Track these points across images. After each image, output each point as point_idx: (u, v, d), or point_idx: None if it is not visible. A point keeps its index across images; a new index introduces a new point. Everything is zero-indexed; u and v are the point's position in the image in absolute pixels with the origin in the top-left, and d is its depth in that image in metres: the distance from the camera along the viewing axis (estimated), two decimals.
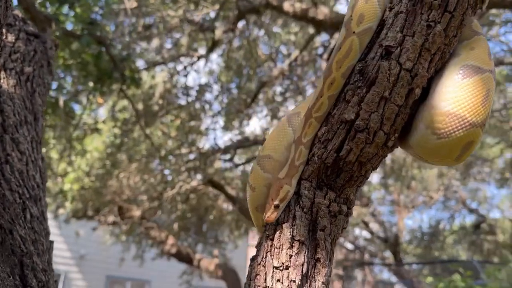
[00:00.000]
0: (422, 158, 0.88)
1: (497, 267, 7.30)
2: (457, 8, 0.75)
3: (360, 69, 0.82)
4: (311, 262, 0.81)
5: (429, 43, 0.77)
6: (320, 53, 9.80)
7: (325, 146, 0.85)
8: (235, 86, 10.33)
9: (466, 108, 0.80)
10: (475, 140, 0.82)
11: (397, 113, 0.80)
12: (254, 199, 1.01)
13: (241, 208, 10.33)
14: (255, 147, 12.42)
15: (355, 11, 0.85)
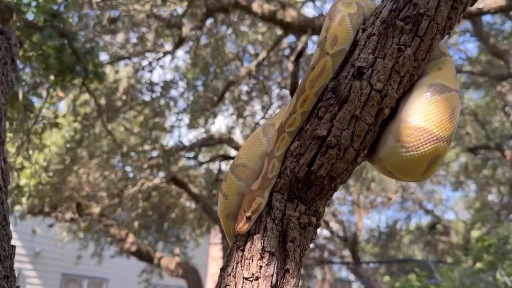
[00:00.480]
0: (391, 172, 0.90)
1: (450, 267, 7.61)
2: (427, 33, 0.79)
3: (333, 87, 0.85)
4: (280, 273, 0.84)
5: (399, 65, 0.81)
6: (287, 54, 9.90)
7: (297, 160, 0.87)
8: (201, 84, 10.26)
9: (433, 123, 0.84)
10: (441, 155, 0.86)
11: (366, 131, 0.84)
12: (226, 207, 1.02)
13: (204, 206, 10.28)
14: (220, 146, 12.40)
15: (329, 33, 0.88)
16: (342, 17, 0.88)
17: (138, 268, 11.87)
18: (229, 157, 11.40)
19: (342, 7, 0.89)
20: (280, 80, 11.61)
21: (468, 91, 13.14)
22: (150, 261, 10.53)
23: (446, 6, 0.78)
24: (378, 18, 0.85)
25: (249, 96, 12.02)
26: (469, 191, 17.42)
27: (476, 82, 10.90)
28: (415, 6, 0.78)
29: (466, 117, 13.52)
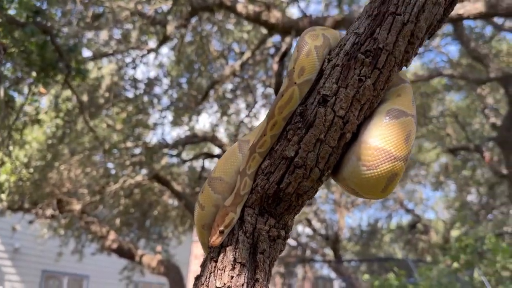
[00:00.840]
0: (354, 190, 0.98)
1: (428, 266, 7.76)
2: (385, 66, 0.87)
3: (301, 112, 0.92)
4: (250, 282, 0.90)
5: (359, 95, 0.88)
6: (272, 53, 9.96)
7: (268, 178, 0.94)
8: (185, 81, 10.25)
9: (391, 144, 0.92)
10: (398, 173, 0.93)
11: (330, 153, 0.91)
12: (202, 218, 1.08)
13: (187, 204, 10.29)
14: (203, 144, 12.40)
15: (297, 64, 0.95)
16: (309, 50, 0.95)
17: (119, 265, 11.82)
18: (212, 155, 11.42)
19: (309, 40, 0.96)
20: (265, 79, 11.67)
21: (450, 93, 13.38)
22: (132, 259, 10.48)
23: (404, 41, 0.86)
24: (342, 50, 0.92)
25: (233, 94, 12.05)
26: (449, 191, 17.73)
27: (458, 84, 11.11)
28: (375, 41, 0.86)
29: (447, 118, 13.78)
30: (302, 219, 14.41)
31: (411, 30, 0.85)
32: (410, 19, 0.85)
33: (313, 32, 0.99)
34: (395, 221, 18.08)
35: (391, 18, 0.85)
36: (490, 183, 14.09)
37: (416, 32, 0.85)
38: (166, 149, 9.81)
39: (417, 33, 0.85)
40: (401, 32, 0.85)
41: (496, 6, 5.73)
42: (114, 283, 13.16)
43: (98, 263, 13.82)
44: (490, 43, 10.55)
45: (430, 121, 13.12)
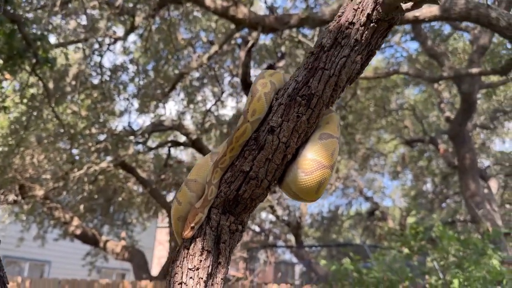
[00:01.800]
0: (295, 193, 1.29)
1: (382, 252, 8.16)
2: (316, 106, 1.17)
3: (255, 137, 1.22)
4: (214, 265, 1.19)
5: (297, 127, 1.19)
6: (239, 42, 10.15)
7: (229, 186, 1.24)
8: (151, 69, 10.29)
9: (322, 156, 1.25)
10: (327, 178, 1.26)
11: (276, 169, 1.22)
12: (178, 211, 1.37)
13: (152, 191, 10.41)
14: (169, 132, 12.47)
15: (250, 107, 1.26)
16: (259, 96, 1.25)
17: (83, 251, 11.84)
18: (179, 143, 11.54)
19: (260, 87, 1.27)
20: (232, 68, 11.84)
21: (408, 88, 13.96)
22: (96, 245, 10.52)
23: (330, 89, 1.16)
24: (285, 92, 1.23)
25: (200, 82, 12.16)
26: (406, 180, 18.50)
27: (415, 79, 11.61)
28: (309, 88, 1.16)
29: (405, 111, 14.40)
30: (266, 206, 14.79)
31: (335, 81, 1.15)
32: (335, 73, 1.15)
33: (262, 80, 1.29)
34: (354, 208, 18.66)
35: (320, 71, 1.15)
36: (444, 173, 14.82)
37: (338, 82, 1.15)
38: (132, 136, 9.86)
39: (339, 83, 1.15)
40: (327, 82, 1.15)
41: (450, 10, 6.14)
42: (76, 268, 13.17)
43: (61, 248, 13.75)
44: (447, 41, 11.11)
45: (390, 114, 13.65)
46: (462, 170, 9.98)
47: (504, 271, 6.22)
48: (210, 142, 13.35)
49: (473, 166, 9.95)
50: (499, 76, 8.36)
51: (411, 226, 8.08)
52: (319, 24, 6.62)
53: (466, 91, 9.09)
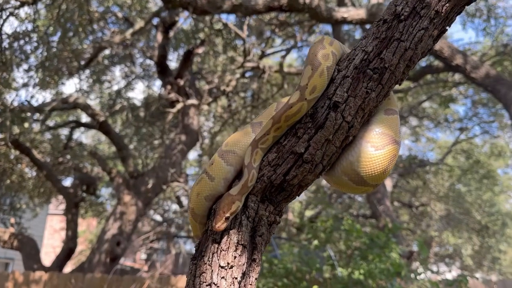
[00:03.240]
0: (355, 177, 1.12)
1: (291, 243, 8.41)
2: (387, 82, 1.03)
3: (311, 114, 1.03)
4: (248, 262, 0.99)
5: (365, 104, 1.03)
6: (156, 23, 9.65)
7: (275, 169, 1.04)
8: (57, 40, 9.37)
9: (393, 131, 1.13)
10: (396, 155, 1.14)
11: (334, 152, 1.05)
12: (209, 188, 1.13)
13: (48, 175, 9.55)
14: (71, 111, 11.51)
15: (310, 82, 1.06)
16: (322, 70, 1.07)
17: None
18: (83, 124, 10.73)
19: (322, 60, 1.08)
20: (146, 49, 11.26)
21: None
22: None
23: (404, 64, 1.02)
24: (351, 63, 1.06)
25: (110, 61, 11.41)
26: None
27: None
28: (382, 60, 1.01)
29: None
30: (171, 195, 14.42)
31: (411, 56, 1.02)
32: (411, 46, 1.02)
33: (324, 50, 1.10)
34: None
35: (396, 43, 1.01)
36: None
37: (413, 58, 1.02)
38: (29, 113, 8.91)
39: (414, 59, 1.02)
40: (403, 56, 1.01)
41: (375, 15, 6.44)
42: None
43: None
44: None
45: None
46: None
47: (403, 263, 6.76)
48: (116, 125, 12.64)
49: None
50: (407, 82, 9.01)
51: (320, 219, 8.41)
52: (251, 12, 6.50)
53: None
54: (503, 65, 9.93)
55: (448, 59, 6.54)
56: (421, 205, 16.30)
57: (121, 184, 9.15)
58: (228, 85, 8.83)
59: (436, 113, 14.53)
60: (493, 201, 16.70)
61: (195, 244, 1.07)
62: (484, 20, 11.08)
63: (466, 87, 12.51)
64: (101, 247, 8.73)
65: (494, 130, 14.28)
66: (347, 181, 1.12)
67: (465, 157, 15.22)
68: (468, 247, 17.72)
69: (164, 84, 9.94)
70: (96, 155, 10.26)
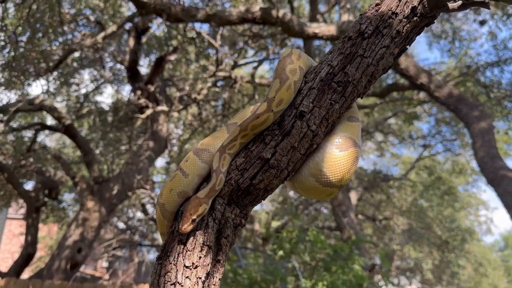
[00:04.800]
0: (320, 180, 1.18)
1: (257, 253, 8.43)
2: (350, 95, 1.09)
3: (279, 122, 1.09)
4: (212, 263, 1.02)
5: (328, 115, 1.09)
6: (128, 28, 9.59)
7: (242, 174, 1.08)
8: (26, 40, 9.16)
9: (355, 135, 1.21)
10: (358, 158, 1.22)
11: (299, 159, 1.10)
12: (183, 184, 1.16)
13: (10, 178, 9.26)
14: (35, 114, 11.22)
15: (278, 95, 1.12)
16: (289, 85, 1.13)
17: None
18: (48, 127, 10.48)
19: (290, 75, 1.14)
20: (117, 54, 11.15)
21: None
22: None
23: (366, 79, 1.09)
24: (317, 76, 1.12)
25: (80, 63, 11.23)
26: None
27: None
28: (346, 74, 1.07)
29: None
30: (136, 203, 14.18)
31: (372, 71, 1.09)
32: (373, 63, 1.08)
33: (292, 65, 1.16)
34: None
35: (359, 59, 1.08)
36: None
37: (375, 73, 1.09)
38: None
39: (375, 74, 1.09)
40: (365, 71, 1.08)
41: (345, 32, 6.62)
42: None
43: None
44: None
45: None
46: None
47: (365, 275, 6.89)
48: (82, 129, 12.40)
49: None
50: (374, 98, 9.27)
51: (285, 229, 8.47)
52: (225, 23, 6.57)
53: None
54: (466, 85, 10.36)
55: (413, 77, 6.80)
56: (384, 219, 16.66)
57: (85, 190, 8.96)
58: (199, 94, 8.84)
59: (400, 129, 14.95)
60: (453, 217, 17.26)
61: (162, 244, 1.10)
62: (449, 42, 11.57)
63: (430, 106, 12.98)
64: (61, 253, 8.49)
65: (456, 148, 14.81)
66: (314, 183, 1.16)
67: (428, 173, 15.70)
68: (428, 261, 18.20)
69: (134, 90, 9.86)
70: (60, 159, 10.03)
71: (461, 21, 11.39)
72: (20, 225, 16.14)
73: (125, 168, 9.29)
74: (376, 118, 14.45)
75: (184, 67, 11.51)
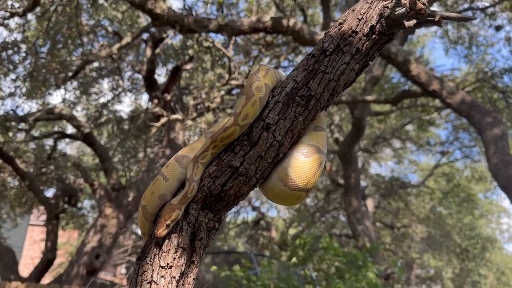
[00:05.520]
0: (277, 197, 1.29)
1: (270, 260, 8.45)
2: (313, 108, 1.18)
3: (247, 133, 1.18)
4: (187, 263, 1.11)
5: (293, 126, 1.18)
6: (145, 38, 9.82)
7: (214, 181, 1.18)
8: (46, 51, 9.48)
9: (319, 143, 1.29)
10: (323, 163, 1.29)
11: (266, 167, 1.19)
12: (162, 188, 1.26)
13: (31, 185, 9.52)
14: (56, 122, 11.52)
15: (243, 110, 1.21)
16: (254, 101, 1.22)
17: None
18: (68, 135, 10.75)
19: (256, 92, 1.23)
20: (135, 63, 11.40)
21: None
22: None
23: (328, 93, 1.17)
24: (283, 90, 1.21)
25: (99, 73, 11.51)
26: None
27: None
28: (309, 89, 1.16)
29: None
30: None
31: (334, 86, 1.17)
32: (334, 78, 1.17)
33: (258, 83, 1.25)
34: (241, 217, 19.06)
35: (321, 74, 1.17)
36: (328, 190, 15.88)
37: (336, 88, 1.18)
38: (14, 122, 8.95)
39: (337, 88, 1.18)
40: (326, 86, 1.17)
41: None
42: None
43: None
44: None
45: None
46: (347, 188, 10.80)
47: (379, 283, 6.85)
48: (102, 138, 12.68)
49: (356, 185, 10.82)
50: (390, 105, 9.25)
51: (298, 236, 8.47)
52: (237, 33, 6.70)
53: (358, 116, 9.90)
54: (483, 91, 10.25)
55: (425, 84, 6.79)
56: (402, 227, 16.47)
57: (103, 197, 9.17)
58: (213, 102, 8.99)
59: (418, 136, 14.83)
60: (473, 225, 16.96)
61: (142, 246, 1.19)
62: (466, 47, 11.47)
63: (448, 112, 12.85)
64: (80, 259, 8.69)
65: (475, 155, 14.60)
66: (282, 188, 1.25)
67: (446, 180, 15.49)
68: (448, 270, 17.90)
69: (151, 98, 10.07)
70: (80, 166, 10.28)
71: (478, 27, 11.30)
72: (41, 232, 16.54)
73: (142, 175, 9.48)
74: (394, 124, 14.37)
75: (200, 76, 11.69)
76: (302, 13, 8.67)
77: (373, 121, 13.82)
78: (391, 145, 15.98)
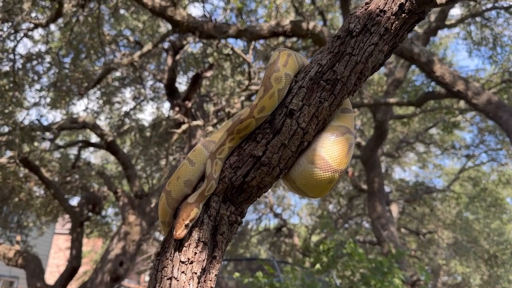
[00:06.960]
0: (299, 189, 1.20)
1: (293, 267, 8.35)
2: (340, 93, 1.11)
3: (270, 120, 1.12)
4: (209, 259, 1.06)
5: (318, 113, 1.12)
6: (167, 47, 9.90)
7: (235, 171, 1.12)
8: (69, 61, 9.65)
9: (333, 157, 1.18)
10: (335, 179, 1.19)
11: (290, 156, 1.13)
12: (189, 173, 1.20)
13: (56, 194, 9.65)
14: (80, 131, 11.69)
15: (260, 102, 1.15)
16: (272, 93, 1.15)
17: None
18: (92, 144, 10.89)
19: (274, 83, 1.16)
20: (156, 72, 11.51)
21: None
22: None
23: (355, 76, 1.11)
24: (307, 75, 1.15)
25: (121, 83, 11.65)
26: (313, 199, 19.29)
27: None
28: (334, 72, 1.09)
29: None
30: None
31: (361, 69, 1.11)
32: (362, 60, 1.10)
33: (276, 73, 1.18)
34: (263, 224, 18.96)
35: (347, 57, 1.10)
36: (350, 195, 15.66)
37: (364, 71, 1.11)
38: (39, 132, 9.11)
39: (364, 71, 1.11)
40: (354, 69, 1.10)
41: None
42: None
43: None
44: None
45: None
46: (371, 193, 10.60)
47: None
48: (125, 146, 12.82)
49: (380, 190, 10.61)
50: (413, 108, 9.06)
51: (322, 242, 8.35)
52: (256, 37, 6.68)
53: (380, 119, 9.73)
54: (509, 92, 9.96)
55: (450, 85, 6.61)
56: (428, 233, 16.08)
57: (126, 204, 9.22)
58: (233, 108, 8.98)
59: (442, 139, 14.50)
60: (501, 230, 16.43)
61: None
62: (490, 48, 11.19)
63: (473, 115, 12.54)
64: (104, 267, 8.74)
65: (502, 158, 14.18)
66: (314, 170, 1.17)
67: (472, 184, 15.08)
68: (476, 276, 17.37)
69: (172, 106, 10.13)
70: (103, 174, 10.39)
71: (502, 27, 11.02)
72: (66, 240, 16.78)
73: (164, 182, 9.51)
74: (417, 128, 14.09)
75: (220, 83, 11.72)
76: (321, 17, 8.60)
77: (396, 125, 13.58)
78: (414, 149, 15.66)
